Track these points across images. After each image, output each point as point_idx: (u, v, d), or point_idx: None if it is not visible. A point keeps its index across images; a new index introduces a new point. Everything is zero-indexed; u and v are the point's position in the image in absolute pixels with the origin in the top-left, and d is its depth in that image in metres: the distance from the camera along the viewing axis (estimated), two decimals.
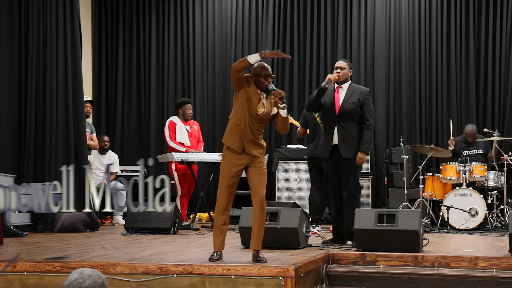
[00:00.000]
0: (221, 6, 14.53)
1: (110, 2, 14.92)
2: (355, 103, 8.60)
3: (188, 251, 8.05)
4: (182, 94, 14.31)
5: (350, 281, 7.46)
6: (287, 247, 8.11)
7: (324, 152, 8.72)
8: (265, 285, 6.54)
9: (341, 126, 8.58)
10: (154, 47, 14.71)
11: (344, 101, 8.61)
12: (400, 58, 13.70)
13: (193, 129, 11.93)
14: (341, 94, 8.67)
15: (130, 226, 10.57)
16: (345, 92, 8.68)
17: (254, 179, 7.13)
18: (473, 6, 13.47)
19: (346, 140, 8.56)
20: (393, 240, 7.87)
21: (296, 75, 14.11)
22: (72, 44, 11.09)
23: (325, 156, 8.70)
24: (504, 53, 13.30)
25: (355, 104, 8.61)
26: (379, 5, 13.85)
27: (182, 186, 11.62)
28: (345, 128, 8.58)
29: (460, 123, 13.12)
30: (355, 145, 8.57)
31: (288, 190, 12.58)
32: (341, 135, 8.56)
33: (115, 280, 6.77)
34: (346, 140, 8.56)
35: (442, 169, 11.70)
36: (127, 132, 14.75)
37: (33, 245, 8.78)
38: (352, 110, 8.61)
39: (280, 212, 8.33)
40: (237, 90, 7.14)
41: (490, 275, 7.27)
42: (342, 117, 8.60)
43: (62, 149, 10.81)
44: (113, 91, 14.86)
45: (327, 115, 8.70)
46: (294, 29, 14.16)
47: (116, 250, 8.18)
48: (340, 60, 8.98)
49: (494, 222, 11.32)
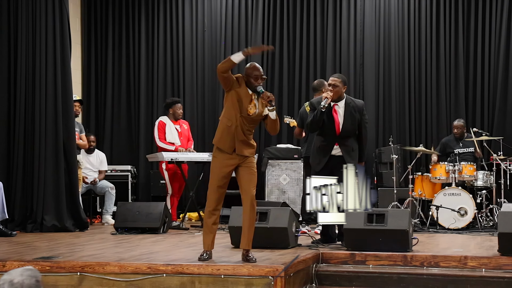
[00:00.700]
0: (211, 5, 14.51)
1: (100, 2, 14.87)
2: (354, 123, 8.76)
3: (178, 251, 8.05)
4: (172, 94, 14.29)
5: (340, 280, 7.47)
6: (276, 246, 8.12)
7: (318, 164, 8.77)
8: (255, 284, 6.55)
9: (342, 144, 8.72)
10: (143, 46, 14.68)
11: (344, 121, 8.71)
12: (390, 58, 13.70)
13: (183, 129, 11.93)
14: (339, 114, 8.72)
15: (120, 226, 10.56)
16: (342, 111, 8.72)
17: (245, 178, 7.14)
18: (463, 5, 13.47)
19: (348, 153, 8.69)
20: (383, 240, 7.89)
21: (286, 74, 14.09)
22: (61, 43, 11.06)
23: (318, 169, 8.72)
24: (493, 53, 13.32)
25: (354, 123, 8.77)
26: (368, 4, 13.85)
27: (172, 185, 11.60)
28: (346, 144, 8.73)
29: (450, 123, 13.15)
30: (355, 158, 8.71)
31: (277, 189, 12.56)
32: (343, 150, 8.70)
33: (105, 280, 6.77)
34: (348, 153, 8.68)
35: (432, 169, 11.73)
36: (116, 132, 14.71)
37: (22, 244, 8.76)
38: (352, 129, 8.77)
39: (269, 211, 8.33)
40: (227, 90, 7.14)
41: (479, 275, 7.29)
42: (343, 137, 8.74)
43: (52, 148, 10.78)
44: (103, 90, 14.82)
45: (325, 134, 8.76)
46: (284, 29, 14.15)
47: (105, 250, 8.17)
48: (333, 76, 8.86)
49: (483, 221, 11.35)
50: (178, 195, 11.89)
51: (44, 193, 10.69)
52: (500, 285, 7.13)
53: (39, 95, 10.81)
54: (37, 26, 10.91)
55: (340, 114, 8.70)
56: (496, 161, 11.65)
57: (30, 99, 10.84)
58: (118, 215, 10.71)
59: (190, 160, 11.63)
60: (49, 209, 10.67)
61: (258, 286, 6.54)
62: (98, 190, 12.61)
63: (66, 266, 6.89)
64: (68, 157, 10.91)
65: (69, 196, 10.88)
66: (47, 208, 10.67)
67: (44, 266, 6.88)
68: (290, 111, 13.89)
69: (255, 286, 6.55)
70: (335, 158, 8.67)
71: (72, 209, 10.89)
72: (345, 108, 8.71)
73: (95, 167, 12.72)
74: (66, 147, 10.92)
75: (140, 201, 13.63)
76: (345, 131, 8.70)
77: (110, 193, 12.50)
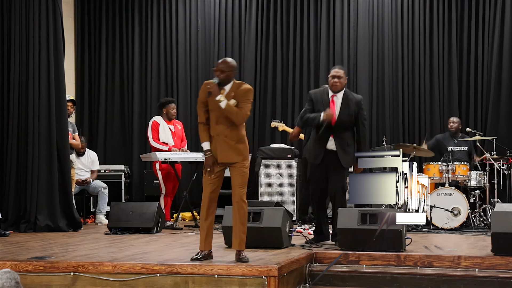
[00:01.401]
0: (204, 6, 14.50)
1: (93, 1, 14.86)
2: (350, 114, 8.77)
3: (171, 251, 8.04)
4: (165, 94, 14.28)
5: (333, 280, 7.47)
6: (270, 246, 8.12)
7: (315, 159, 8.81)
8: (248, 284, 6.55)
9: (337, 136, 8.72)
10: (137, 46, 14.67)
11: (341, 112, 8.72)
12: (383, 58, 13.71)
13: (177, 129, 11.93)
14: (336, 104, 8.76)
15: (113, 226, 10.55)
16: (340, 102, 8.77)
17: (234, 179, 7.20)
18: (456, 5, 13.49)
19: (343, 148, 8.70)
20: (376, 240, 7.89)
21: (280, 75, 14.08)
22: (54, 43, 11.04)
23: (316, 163, 8.80)
24: (486, 53, 13.34)
25: (351, 115, 8.78)
26: (362, 5, 13.85)
27: (166, 185, 11.60)
28: (341, 137, 8.73)
29: (443, 123, 13.16)
30: (351, 153, 8.74)
31: (271, 189, 12.56)
32: (338, 143, 8.71)
33: (98, 279, 6.77)
34: (342, 148, 8.70)
35: (425, 169, 11.74)
36: (110, 132, 14.69)
37: (16, 244, 8.74)
38: (348, 121, 8.77)
39: (263, 211, 8.34)
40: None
41: (472, 274, 7.30)
42: (338, 128, 8.72)
43: (45, 148, 10.76)
44: (96, 90, 14.80)
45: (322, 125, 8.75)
46: (277, 29, 14.14)
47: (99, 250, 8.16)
48: (338, 68, 8.92)
49: (476, 221, 11.37)
50: (172, 195, 11.88)
51: (37, 192, 10.67)
52: (493, 285, 7.15)
53: (32, 95, 10.78)
54: (30, 26, 10.89)
55: (337, 104, 8.75)
56: (490, 161, 11.66)
57: (24, 98, 10.82)
58: (111, 215, 10.70)
59: (184, 160, 11.63)
60: (43, 209, 10.65)
61: (251, 286, 6.54)
62: (91, 190, 12.59)
63: (59, 266, 6.88)
64: (61, 157, 10.89)
65: (62, 195, 10.86)
66: (41, 208, 10.65)
67: (37, 266, 6.88)
68: (283, 111, 13.90)
69: (249, 286, 6.55)
70: (330, 153, 8.72)
71: (65, 209, 10.87)
72: (342, 99, 8.77)
73: (87, 167, 12.70)
74: (59, 147, 10.90)
75: (133, 201, 13.61)
76: (341, 121, 8.71)
77: (103, 193, 12.49)
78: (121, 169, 13.82)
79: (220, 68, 7.15)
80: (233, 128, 7.20)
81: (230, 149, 7.17)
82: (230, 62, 7.21)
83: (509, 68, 13.17)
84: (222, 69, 7.15)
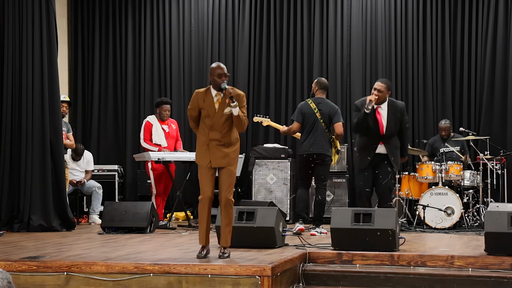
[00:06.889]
0: (198, 5, 14.49)
1: (87, 1, 14.84)
2: (396, 122, 9.66)
3: (165, 250, 8.04)
4: (159, 94, 14.27)
5: (327, 280, 7.48)
6: (263, 246, 8.12)
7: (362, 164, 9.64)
8: (242, 284, 6.55)
9: (386, 142, 9.62)
10: (130, 46, 14.65)
11: (388, 122, 9.61)
12: (376, 57, 13.71)
13: (171, 129, 11.92)
14: (382, 115, 9.61)
15: (107, 225, 10.54)
16: (386, 112, 9.63)
17: (221, 180, 7.36)
18: (449, 6, 13.50)
19: (393, 152, 9.62)
20: (370, 239, 7.90)
21: (273, 75, 14.08)
22: (48, 43, 11.03)
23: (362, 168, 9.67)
24: (479, 53, 13.35)
25: (397, 123, 9.67)
26: (355, 5, 13.85)
27: (157, 185, 11.61)
28: (390, 143, 9.63)
29: (436, 123, 13.18)
30: (397, 155, 9.72)
31: (264, 189, 12.56)
32: (388, 148, 9.61)
33: (92, 279, 6.76)
34: (392, 152, 9.61)
35: (418, 168, 11.76)
36: (103, 132, 14.68)
37: (9, 244, 8.73)
38: (395, 129, 9.68)
39: (256, 211, 8.33)
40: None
41: (466, 274, 7.31)
42: (387, 136, 9.62)
43: (38, 148, 10.76)
44: (90, 90, 14.79)
45: (370, 134, 9.60)
46: (271, 29, 14.14)
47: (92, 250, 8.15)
48: (380, 82, 9.73)
49: (470, 221, 11.40)
50: (165, 195, 11.88)
51: (31, 192, 10.66)
52: (486, 285, 7.15)
53: (25, 95, 10.78)
54: (23, 26, 10.88)
55: (383, 116, 9.58)
56: (483, 160, 11.69)
57: (17, 98, 10.81)
58: (105, 215, 10.69)
59: (177, 159, 11.64)
60: (36, 209, 10.64)
61: (245, 286, 6.54)
62: (85, 189, 12.58)
63: (53, 265, 6.88)
64: (55, 157, 10.89)
65: (56, 195, 10.85)
66: (34, 207, 10.65)
67: (30, 266, 6.87)
68: (277, 111, 13.90)
69: (242, 286, 6.55)
70: (379, 156, 9.57)
71: (59, 208, 10.86)
72: (388, 110, 9.59)
73: (82, 168, 12.70)
74: (53, 147, 10.89)
75: (127, 200, 13.60)
76: (389, 131, 9.59)
77: (97, 192, 12.48)
78: (115, 169, 13.80)
79: (227, 74, 7.28)
80: (227, 134, 7.33)
81: (222, 156, 7.30)
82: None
83: (502, 68, 13.19)
84: (226, 74, 7.29)
